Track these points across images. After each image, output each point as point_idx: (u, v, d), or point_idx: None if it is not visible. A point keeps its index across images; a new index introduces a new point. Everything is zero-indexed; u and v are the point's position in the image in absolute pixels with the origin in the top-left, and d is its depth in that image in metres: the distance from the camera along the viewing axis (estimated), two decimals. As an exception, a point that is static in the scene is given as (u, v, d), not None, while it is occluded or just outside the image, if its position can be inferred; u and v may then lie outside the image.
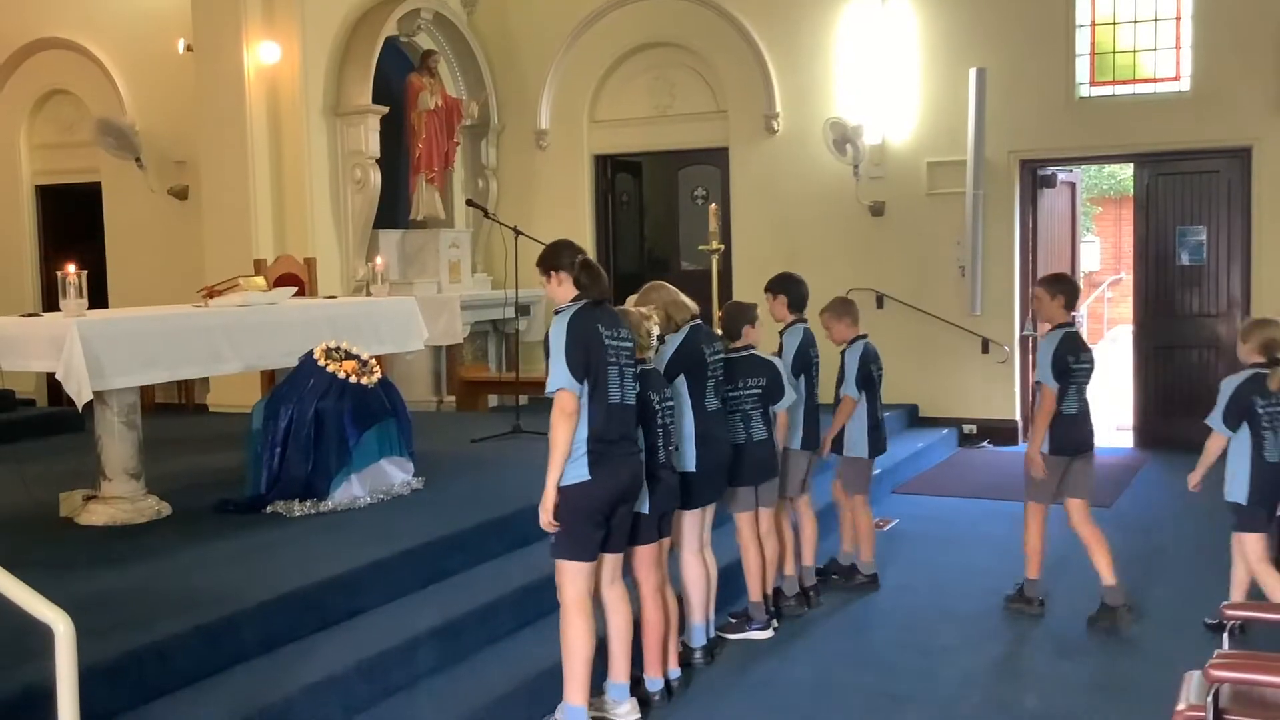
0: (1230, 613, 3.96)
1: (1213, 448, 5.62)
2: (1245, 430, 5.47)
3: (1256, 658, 3.56)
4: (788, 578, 6.25)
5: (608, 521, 4.53)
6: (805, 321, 6.36)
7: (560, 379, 4.37)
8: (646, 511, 4.81)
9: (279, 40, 10.54)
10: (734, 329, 5.94)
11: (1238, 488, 5.49)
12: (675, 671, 5.18)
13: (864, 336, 6.63)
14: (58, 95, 12.61)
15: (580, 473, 4.40)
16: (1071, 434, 5.99)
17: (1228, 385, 5.56)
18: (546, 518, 4.44)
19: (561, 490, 4.41)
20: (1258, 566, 5.48)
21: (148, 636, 4.31)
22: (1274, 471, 5.43)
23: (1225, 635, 3.92)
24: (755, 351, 5.93)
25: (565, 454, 4.38)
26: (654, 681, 5.04)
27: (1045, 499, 6.08)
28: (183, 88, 11.12)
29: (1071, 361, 5.93)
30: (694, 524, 5.38)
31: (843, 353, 6.61)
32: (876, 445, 6.65)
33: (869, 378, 6.54)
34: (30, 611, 3.09)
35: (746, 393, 5.77)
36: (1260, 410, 5.43)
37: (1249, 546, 5.49)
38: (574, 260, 4.55)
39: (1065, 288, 6.08)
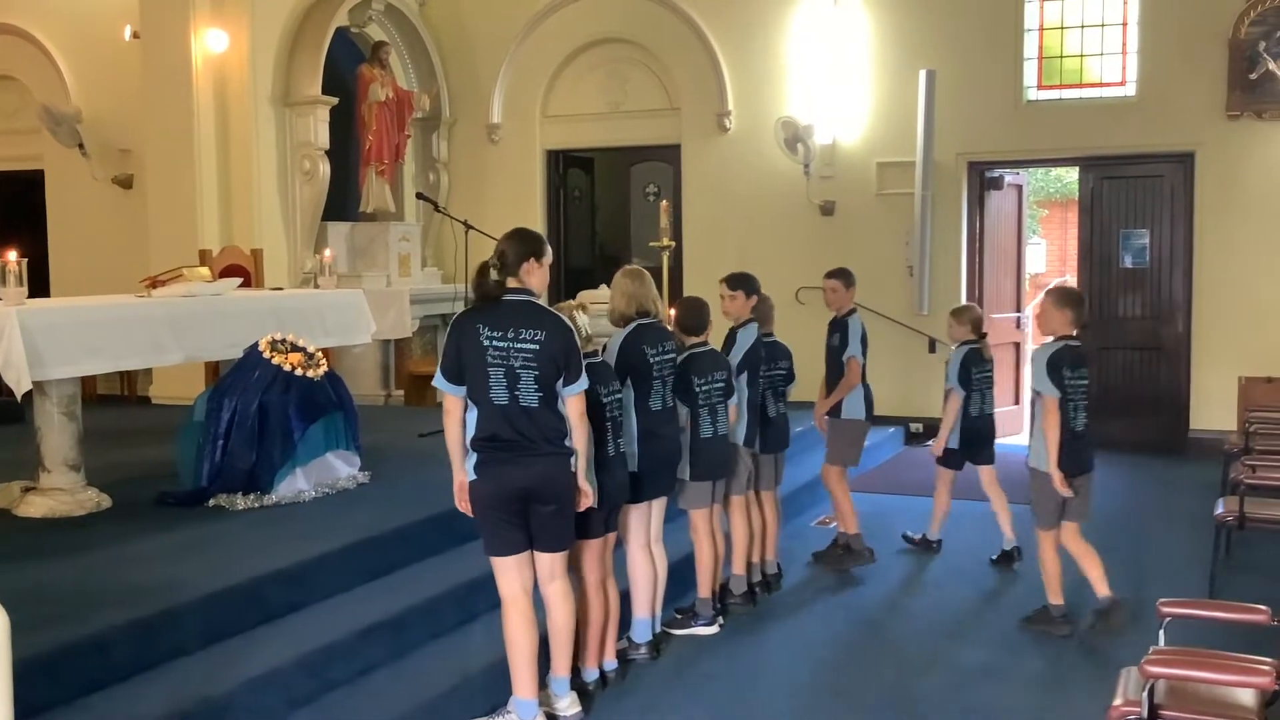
0: (1166, 609, 4.02)
1: (952, 409, 7.23)
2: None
3: (1192, 654, 3.61)
4: (735, 575, 6.28)
5: (523, 519, 4.51)
6: (756, 321, 6.39)
7: (436, 378, 4.51)
8: (596, 505, 4.80)
9: (227, 28, 10.43)
10: (700, 325, 5.94)
11: (953, 436, 7.22)
12: (612, 663, 5.21)
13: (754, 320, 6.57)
14: (1, 81, 12.39)
15: (470, 472, 4.47)
16: (869, 400, 7.28)
17: (955, 358, 7.21)
18: (458, 504, 4.59)
19: (469, 486, 4.51)
20: (991, 489, 7.25)
21: (86, 629, 4.26)
22: (975, 422, 7.22)
23: (1161, 631, 3.98)
24: (711, 347, 5.96)
25: (456, 449, 4.51)
26: (589, 672, 5.08)
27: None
28: (129, 75, 10.97)
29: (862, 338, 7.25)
30: (640, 519, 5.39)
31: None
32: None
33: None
34: (-36, 603, 3.03)
35: (714, 387, 5.81)
36: (974, 376, 7.16)
37: (946, 478, 7.39)
38: (485, 261, 4.56)
39: (853, 280, 7.30)
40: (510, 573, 4.52)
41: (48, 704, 3.92)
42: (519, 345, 4.41)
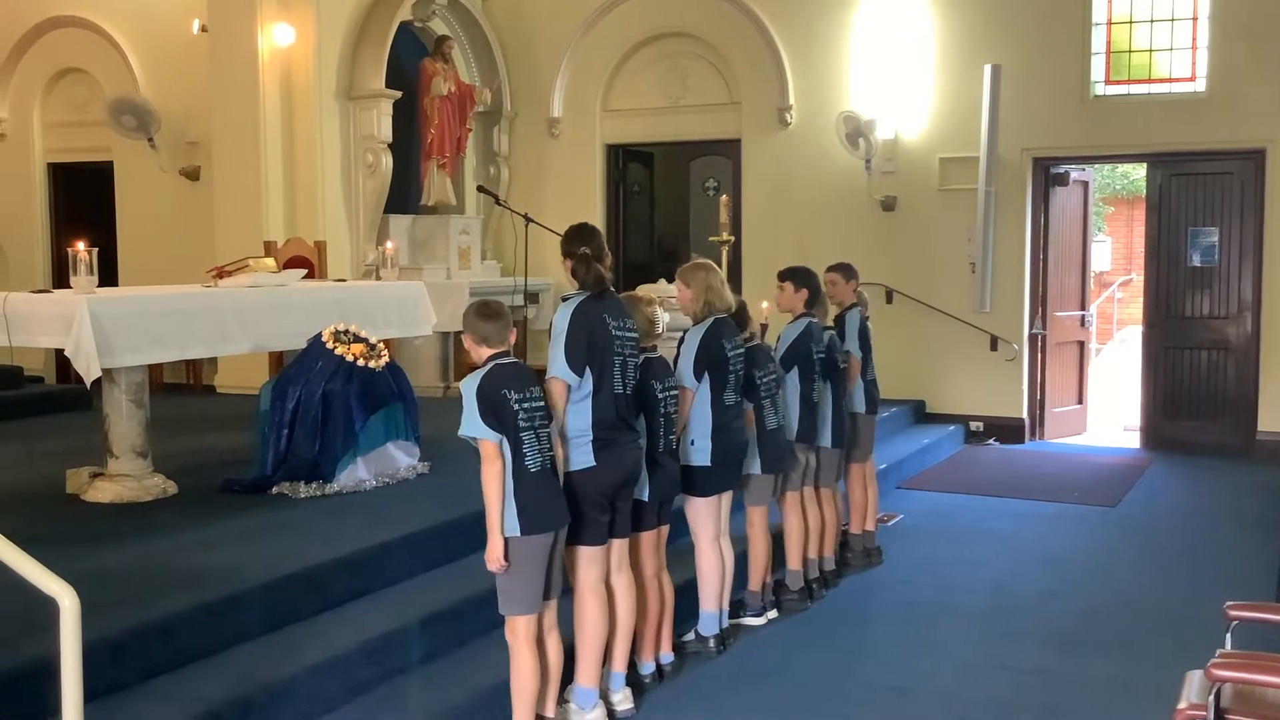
0: (1234, 613, 3.96)
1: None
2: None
3: (1259, 658, 3.55)
4: (791, 571, 6.26)
5: (612, 506, 4.56)
6: (814, 317, 6.38)
7: (558, 369, 4.41)
8: (647, 499, 4.84)
9: (293, 23, 10.55)
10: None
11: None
12: (668, 656, 5.22)
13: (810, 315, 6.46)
14: (72, 74, 12.63)
15: (586, 459, 4.44)
16: (871, 395, 7.01)
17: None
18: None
19: (567, 476, 4.45)
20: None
21: (152, 613, 4.33)
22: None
23: (1228, 634, 3.92)
24: (760, 341, 5.99)
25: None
26: (646, 665, 5.09)
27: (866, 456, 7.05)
28: (196, 68, 11.13)
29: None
30: (710, 513, 5.40)
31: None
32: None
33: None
34: (36, 585, 3.09)
35: (768, 379, 5.83)
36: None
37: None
38: (576, 249, 4.57)
39: (855, 274, 6.98)
40: (596, 562, 4.57)
41: (114, 685, 3.99)
42: (628, 335, 4.58)
